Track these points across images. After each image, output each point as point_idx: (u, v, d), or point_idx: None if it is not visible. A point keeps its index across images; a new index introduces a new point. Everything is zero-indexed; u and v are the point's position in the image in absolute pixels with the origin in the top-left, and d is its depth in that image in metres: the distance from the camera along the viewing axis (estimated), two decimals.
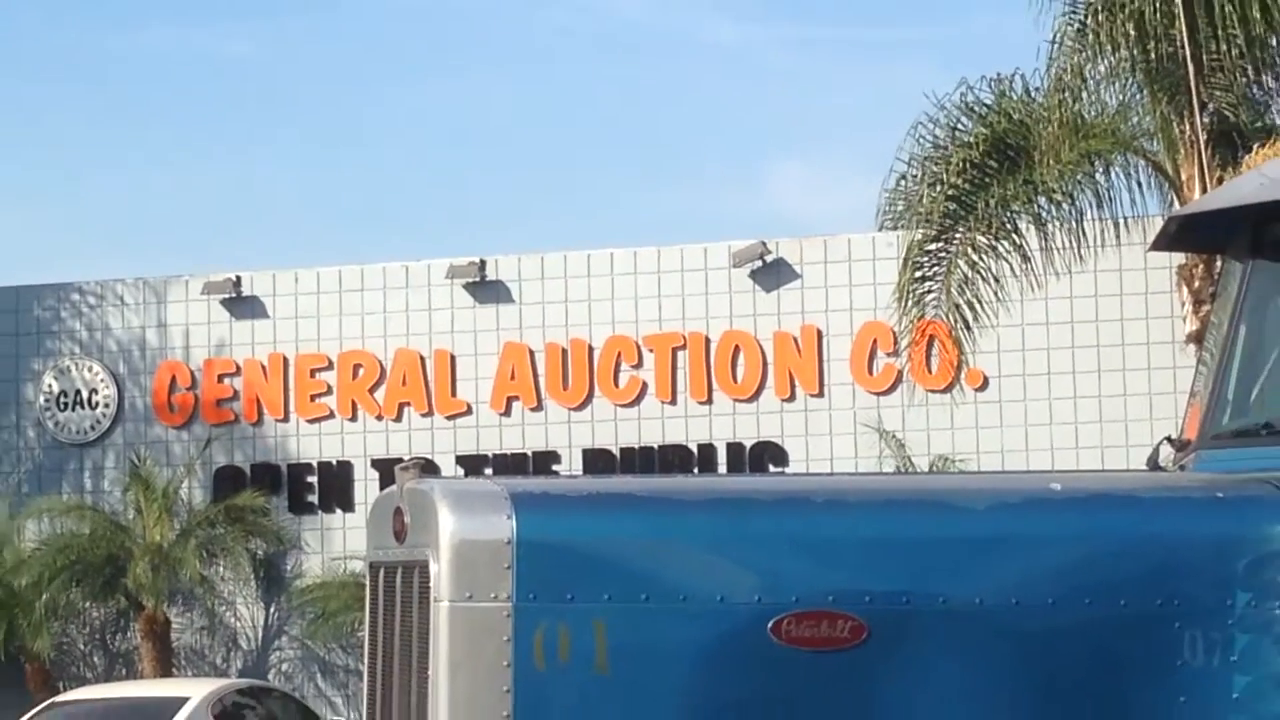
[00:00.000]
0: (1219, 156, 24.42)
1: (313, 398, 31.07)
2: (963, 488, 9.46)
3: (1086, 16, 25.05)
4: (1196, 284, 24.96)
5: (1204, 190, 22.64)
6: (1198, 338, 22.86)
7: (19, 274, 36.35)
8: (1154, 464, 8.38)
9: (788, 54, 63.05)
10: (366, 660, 7.87)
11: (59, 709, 24.35)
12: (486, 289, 30.70)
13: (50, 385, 31.70)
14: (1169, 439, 8.40)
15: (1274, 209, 7.87)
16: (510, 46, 65.08)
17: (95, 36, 58.04)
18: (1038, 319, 27.70)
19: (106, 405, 31.55)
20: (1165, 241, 9.45)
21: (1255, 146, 23.56)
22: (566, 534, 6.98)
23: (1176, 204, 25.05)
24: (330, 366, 31.03)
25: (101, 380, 31.55)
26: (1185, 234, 9.45)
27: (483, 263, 30.78)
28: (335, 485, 31.02)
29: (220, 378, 31.29)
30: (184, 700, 23.67)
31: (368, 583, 7.79)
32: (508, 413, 30.42)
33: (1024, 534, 7.25)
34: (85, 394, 31.59)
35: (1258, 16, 23.65)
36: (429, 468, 7.17)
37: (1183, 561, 7.08)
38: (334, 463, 31.05)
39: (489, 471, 28.24)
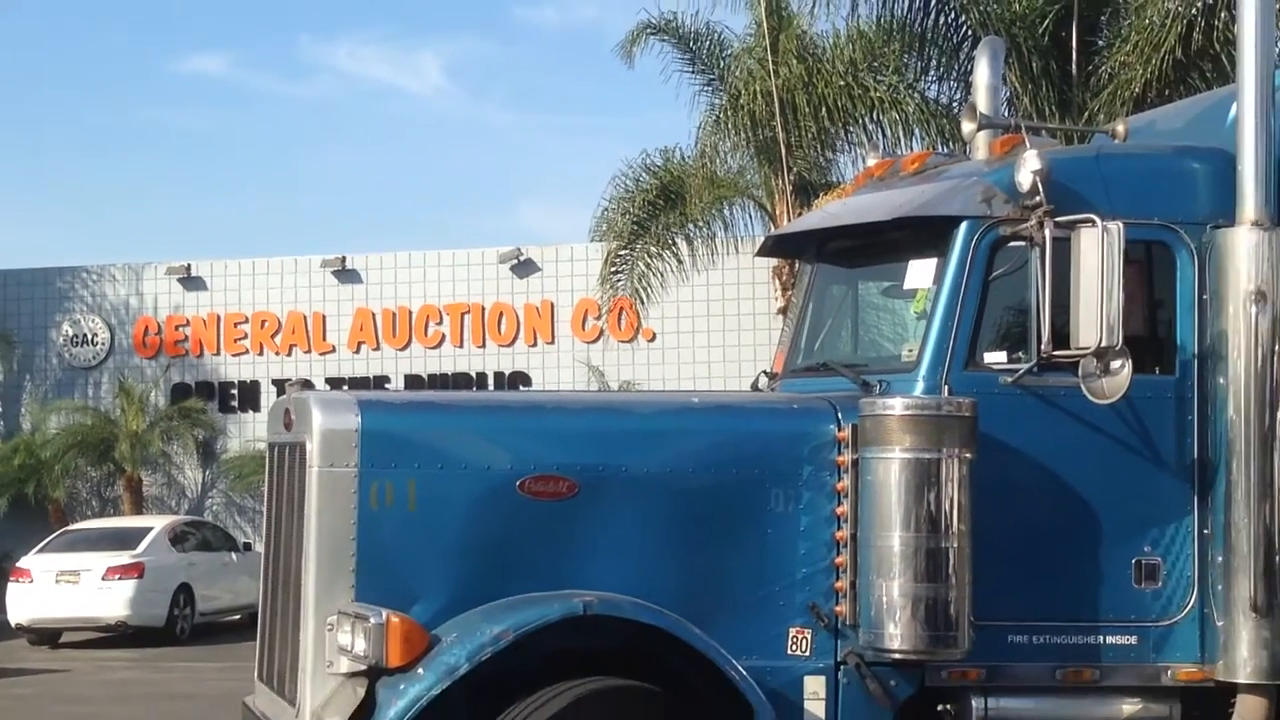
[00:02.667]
0: (799, 200, 26.68)
1: (235, 341, 33.78)
2: (638, 400, 10.98)
3: (719, 113, 26.32)
4: (784, 278, 26.87)
5: (789, 220, 24.69)
6: (783, 311, 23.79)
7: (43, 259, 40.06)
8: (755, 387, 8.86)
9: (540, 134, 68.71)
10: (265, 504, 8.23)
11: (70, 534, 26.32)
12: (346, 274, 33.49)
13: (66, 330, 34.33)
14: (765, 373, 8.82)
15: (829, 233, 8.42)
16: (363, 125, 70.49)
17: None
18: (686, 298, 30.06)
19: (102, 344, 34.27)
20: (765, 251, 10.34)
21: (821, 194, 25.68)
22: (392, 426, 7.32)
23: (773, 228, 26.72)
24: (247, 321, 33.71)
25: (100, 328, 34.34)
26: (777, 247, 10.32)
27: (344, 258, 33.56)
28: (248, 396, 33.55)
29: (176, 327, 33.90)
30: (150, 528, 26.00)
31: (267, 456, 8.21)
32: (358, 351, 33.19)
33: (675, 428, 7.72)
34: (89, 336, 34.31)
35: (824, 116, 24.88)
36: (307, 385, 7.50)
37: (773, 446, 7.46)
38: (248, 381, 33.71)
39: (345, 387, 28.93)
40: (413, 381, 32.40)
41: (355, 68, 70.96)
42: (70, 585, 24.19)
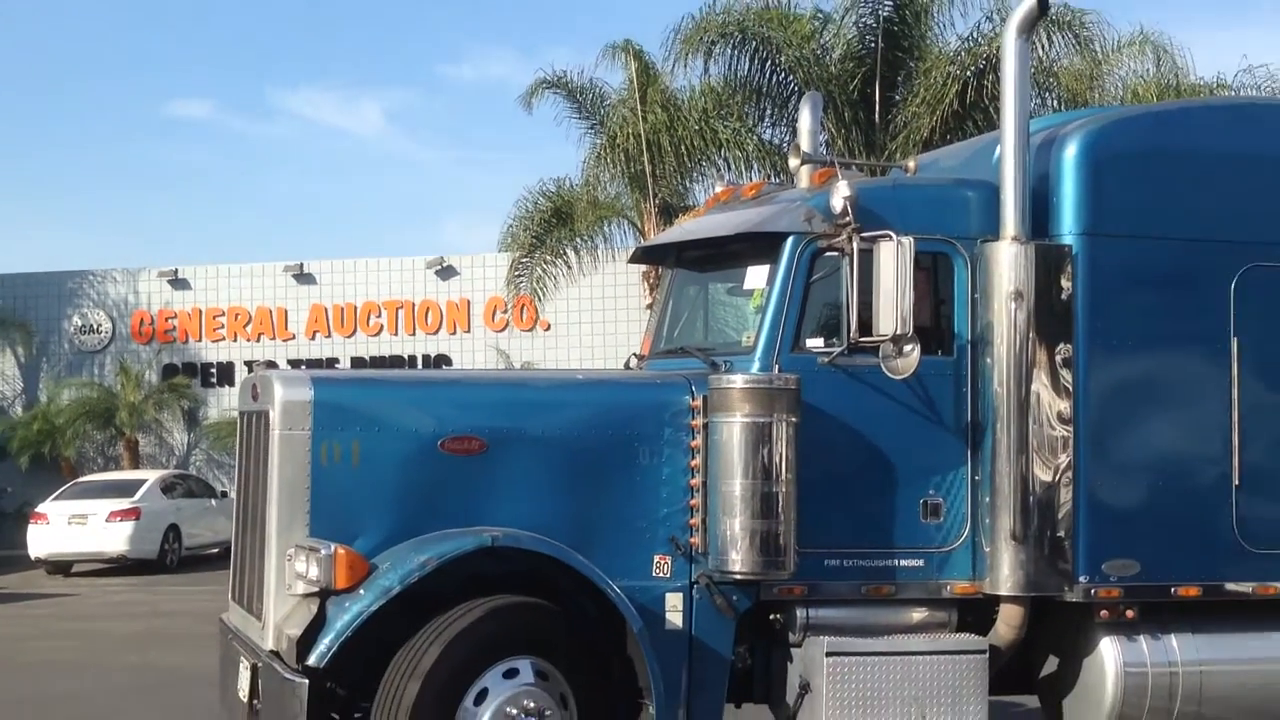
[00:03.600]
0: (663, 219, 26.07)
1: (214, 330, 33.57)
2: (535, 376, 11.91)
3: (600, 150, 26.50)
4: (651, 280, 26.70)
5: (654, 235, 21.55)
6: (650, 307, 20.30)
7: (57, 264, 39.44)
8: (627, 366, 8.71)
9: (460, 166, 68.97)
10: (236, 460, 7.97)
11: (79, 485, 26.56)
12: (304, 277, 33.44)
13: (76, 322, 34.07)
14: (635, 355, 8.74)
15: (685, 244, 8.45)
16: (318, 157, 70.32)
17: None
18: (575, 296, 30.03)
19: (105, 333, 34.07)
20: (635, 259, 9.91)
21: (680, 215, 23.85)
22: (339, 397, 7.20)
23: (642, 241, 25.24)
24: (224, 314, 33.56)
25: (103, 319, 34.12)
26: (645, 255, 9.86)
27: (302, 264, 33.50)
28: (224, 374, 33.29)
29: (166, 319, 33.73)
30: (145, 479, 26.21)
31: (238, 422, 8.02)
32: (313, 339, 33.14)
33: (564, 398, 7.67)
34: (94, 326, 34.12)
35: (684, 151, 25.36)
36: (271, 365, 9.03)
37: (641, 412, 7.43)
38: (224, 362, 33.52)
39: (303, 367, 29.03)
40: (357, 363, 32.36)
41: (312, 112, 70.65)
42: (80, 526, 24.33)
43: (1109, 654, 7.71)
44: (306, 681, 6.56)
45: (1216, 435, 7.87)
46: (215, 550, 25.63)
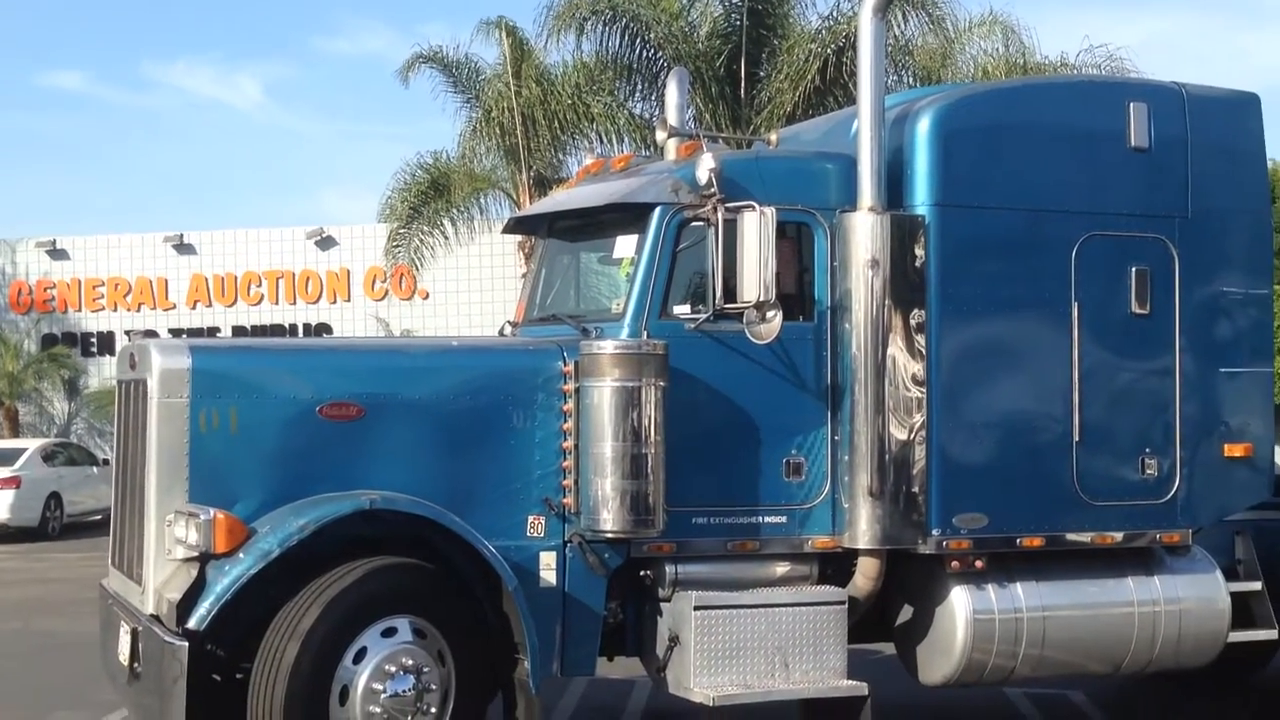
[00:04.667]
0: (538, 191, 25.96)
1: (94, 300, 33.35)
2: (411, 343, 11.71)
3: (476, 124, 26.85)
4: (526, 250, 25.16)
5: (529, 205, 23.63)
6: (525, 276, 25.42)
7: None
8: (501, 334, 8.73)
9: (338, 139, 68.33)
10: (115, 428, 7.88)
11: None
12: (184, 247, 33.12)
13: None
14: (509, 322, 8.74)
15: (557, 215, 8.49)
16: (197, 129, 68.72)
17: None
18: (453, 265, 29.71)
19: None
20: (509, 229, 9.86)
21: (554, 186, 23.97)
22: (217, 365, 7.11)
23: (517, 211, 24.09)
24: (104, 284, 33.18)
25: None
26: (518, 226, 9.74)
27: (182, 234, 33.11)
28: (105, 343, 32.83)
29: (45, 290, 33.32)
30: (25, 448, 25.57)
31: (117, 391, 7.93)
32: (194, 308, 32.83)
33: (440, 364, 7.58)
34: None
35: (557, 125, 25.71)
36: (149, 334, 8.58)
37: (514, 378, 7.42)
38: (105, 332, 33.09)
39: (184, 336, 28.38)
40: (238, 332, 32.11)
41: (190, 85, 69.12)
42: None
43: (959, 602, 7.87)
44: (186, 644, 6.47)
45: (1059, 395, 8.07)
46: (98, 517, 25.22)
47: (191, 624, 6.55)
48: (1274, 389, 9.00)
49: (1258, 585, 8.78)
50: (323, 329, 32.01)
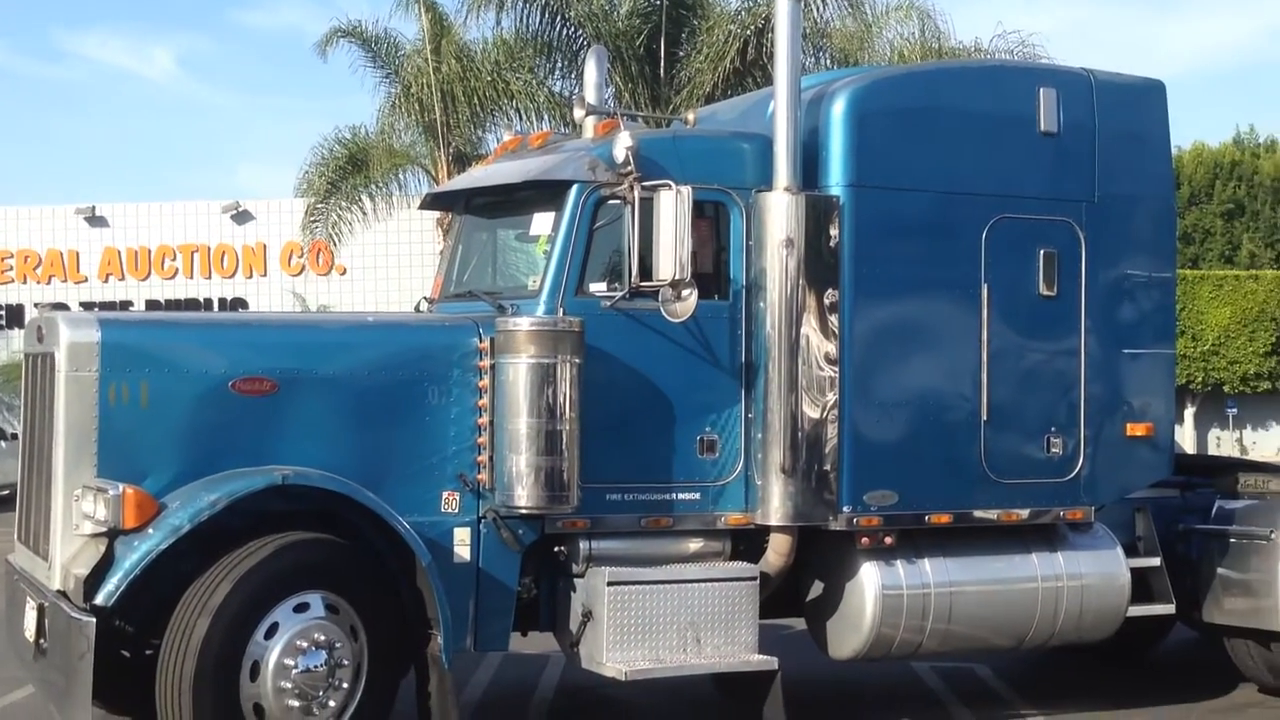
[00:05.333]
0: (457, 168, 25.77)
1: (3, 273, 32.96)
2: (326, 319, 11.22)
3: (395, 100, 26.70)
4: (444, 226, 23.08)
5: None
6: (442, 252, 25.72)
7: None
8: (417, 309, 8.66)
9: (255, 112, 67.74)
10: (22, 402, 7.87)
11: None
12: (96, 220, 32.92)
13: None
14: (425, 298, 8.68)
15: (474, 191, 8.45)
16: (109, 101, 67.36)
17: None
18: (371, 241, 29.63)
19: None
20: (425, 205, 9.76)
21: (474, 163, 23.61)
22: (127, 339, 6.99)
23: (435, 187, 24.78)
24: (13, 257, 33.16)
25: None
26: (435, 202, 9.73)
27: (94, 207, 32.91)
28: (14, 316, 32.40)
29: None
30: None
31: (24, 364, 7.82)
32: (106, 281, 32.57)
33: (354, 340, 7.54)
34: None
35: (477, 101, 25.47)
36: (58, 307, 8.58)
37: (430, 353, 7.37)
38: (14, 305, 32.85)
39: (95, 309, 27.87)
40: (152, 306, 31.80)
41: (103, 56, 67.97)
42: None
43: (869, 578, 7.97)
44: (94, 620, 6.35)
45: (968, 375, 8.19)
46: (5, 492, 24.33)
47: (99, 600, 6.45)
48: (1175, 371, 9.17)
49: (1156, 561, 8.97)
50: (238, 304, 31.90)
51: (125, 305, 31.47)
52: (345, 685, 6.83)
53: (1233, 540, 9.06)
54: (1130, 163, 8.70)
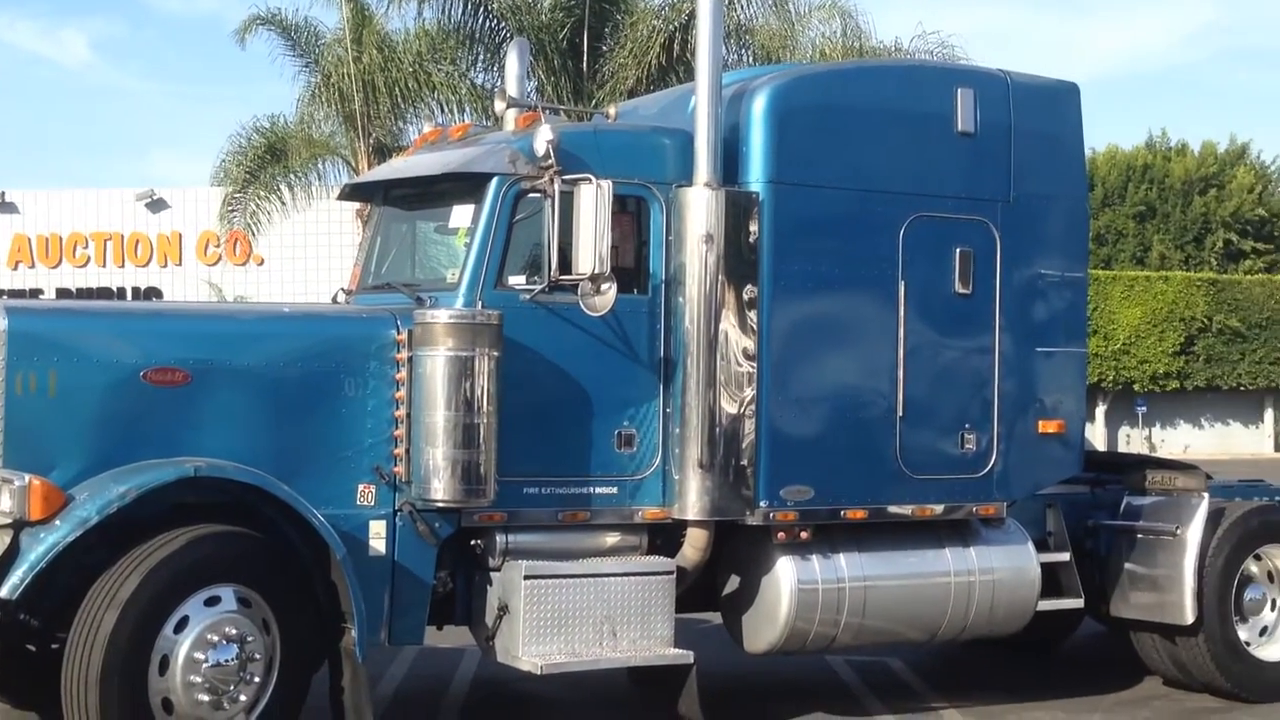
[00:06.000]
0: (378, 159, 25.33)
1: None
2: (241, 309, 11.75)
3: (314, 89, 26.71)
4: (364, 218, 25.58)
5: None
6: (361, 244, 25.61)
7: None
8: (335, 301, 8.42)
9: (172, 99, 66.65)
10: None
11: None
12: (5, 205, 32.54)
13: None
14: (343, 289, 8.56)
15: (393, 183, 8.41)
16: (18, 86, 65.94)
17: None
18: (289, 232, 29.42)
19: None
20: (343, 196, 9.70)
21: (395, 154, 23.91)
22: (34, 327, 6.87)
23: (354, 177, 25.90)
24: None
25: None
26: (353, 193, 9.62)
27: (3, 193, 32.44)
28: None
29: None
30: None
31: None
32: (16, 269, 32.21)
33: (270, 331, 7.49)
34: None
35: (398, 93, 25.61)
36: None
37: (346, 345, 7.33)
38: None
39: (4, 297, 28.16)
40: (63, 294, 31.31)
41: (11, 38, 66.55)
42: None
43: (785, 572, 8.00)
44: None
45: (884, 371, 8.26)
46: None
47: (3, 593, 6.33)
48: (1086, 369, 9.29)
49: (1066, 556, 9.08)
50: (152, 293, 31.67)
51: (35, 293, 30.91)
52: (257, 679, 6.76)
53: (1140, 536, 9.21)
54: (1045, 163, 8.81)
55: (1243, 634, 9.24)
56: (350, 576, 6.83)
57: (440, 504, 7.27)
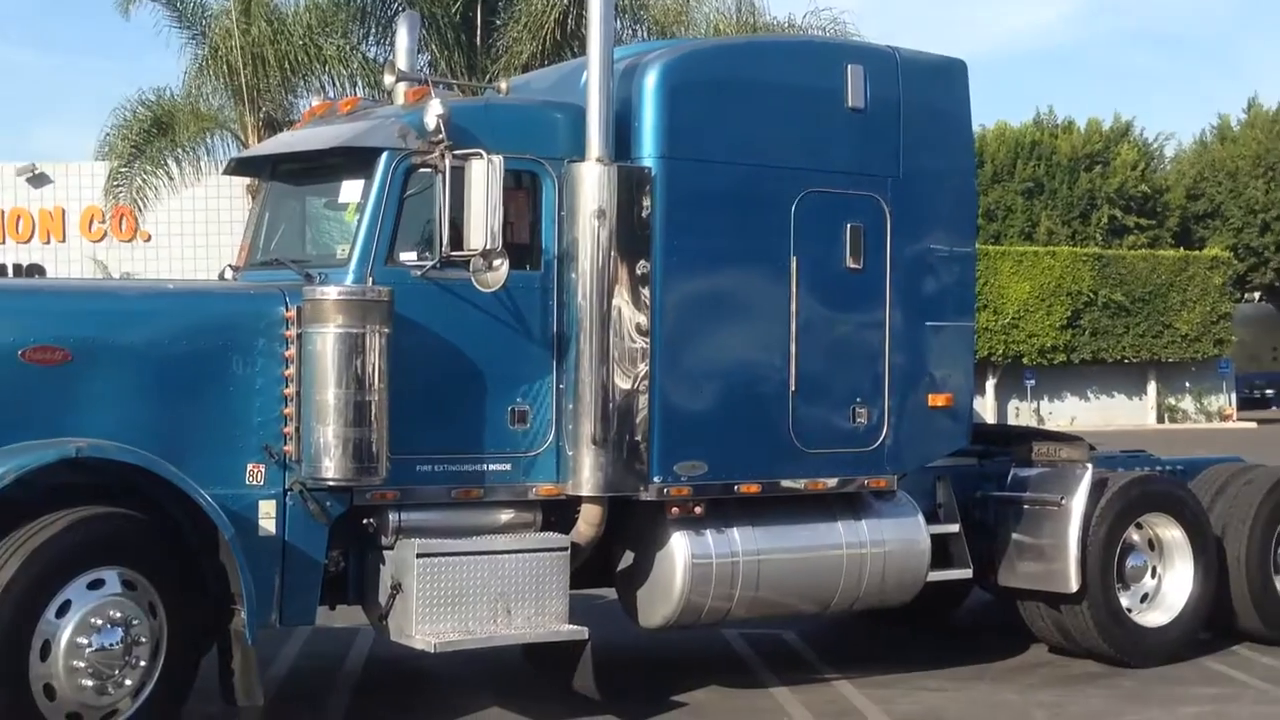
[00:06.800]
0: (268, 133, 24.89)
1: None
2: (124, 285, 10.42)
3: (202, 62, 26.81)
4: (254, 192, 23.80)
5: None
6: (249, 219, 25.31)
7: None
8: (222, 277, 8.41)
9: (54, 71, 65.10)
10: None
11: None
12: None
13: None
14: (230, 266, 8.42)
15: (281, 157, 8.27)
16: None
17: None
18: (178, 207, 29.19)
19: None
20: (230, 170, 9.47)
21: (285, 128, 23.66)
22: None
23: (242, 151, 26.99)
24: None
25: None
26: (240, 167, 9.51)
27: None
28: None
29: None
30: None
31: None
32: None
33: (154, 308, 7.35)
34: None
35: (288, 65, 25.83)
36: None
37: (234, 322, 7.23)
38: None
39: None
40: None
41: None
42: None
43: (679, 547, 8.03)
44: None
45: (777, 346, 8.31)
46: None
47: None
48: (974, 343, 9.43)
49: (955, 528, 9.22)
50: (35, 270, 31.06)
51: None
52: (143, 663, 6.64)
53: (1026, 506, 9.38)
54: (934, 139, 8.88)
55: (1125, 601, 9.44)
56: (239, 557, 6.72)
57: (331, 483, 7.19)
